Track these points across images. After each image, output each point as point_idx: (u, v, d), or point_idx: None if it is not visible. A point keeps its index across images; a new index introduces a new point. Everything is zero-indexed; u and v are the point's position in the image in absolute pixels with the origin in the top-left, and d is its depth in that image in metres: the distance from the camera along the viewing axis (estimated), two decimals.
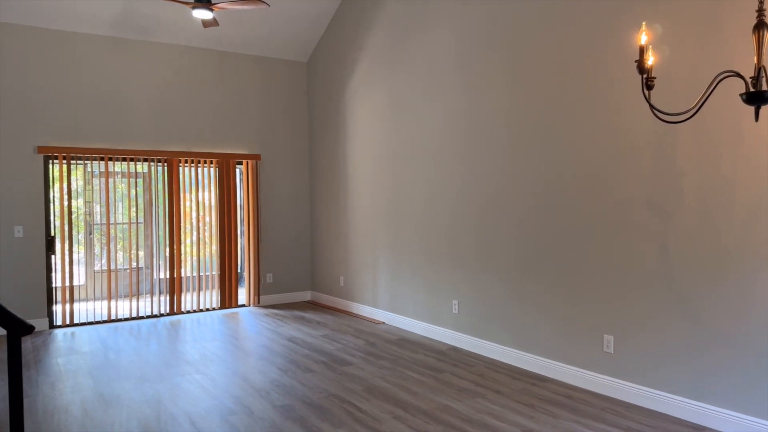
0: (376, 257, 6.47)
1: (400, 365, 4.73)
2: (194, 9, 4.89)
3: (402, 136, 6.01)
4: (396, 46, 6.04)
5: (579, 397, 3.97)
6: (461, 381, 4.32)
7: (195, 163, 7.08)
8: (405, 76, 5.92)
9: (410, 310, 5.93)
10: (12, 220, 6.08)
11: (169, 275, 6.97)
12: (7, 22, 6.03)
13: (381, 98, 6.32)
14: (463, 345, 5.23)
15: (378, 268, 6.44)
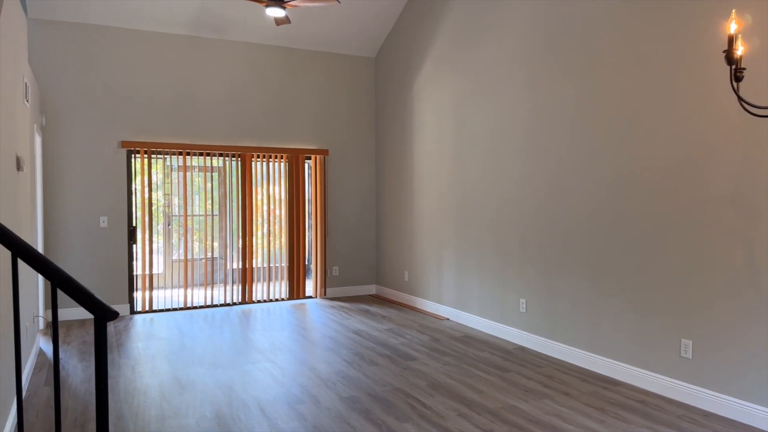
0: (441, 253, 6.45)
1: (465, 362, 4.70)
2: (267, 7, 5.01)
3: (468, 132, 5.94)
4: (462, 42, 5.98)
5: (653, 402, 3.81)
6: (528, 381, 4.24)
7: (266, 158, 7.29)
8: (471, 71, 5.85)
9: (476, 307, 5.88)
10: (98, 211, 6.48)
11: (241, 266, 7.22)
12: (95, 23, 6.41)
13: (448, 93, 6.27)
14: (531, 345, 5.13)
15: (443, 264, 6.41)
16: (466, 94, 5.97)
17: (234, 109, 7.12)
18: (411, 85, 7.00)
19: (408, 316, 6.52)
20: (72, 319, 6.37)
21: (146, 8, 6.30)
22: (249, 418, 3.57)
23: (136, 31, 6.61)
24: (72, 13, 6.19)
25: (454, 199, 6.22)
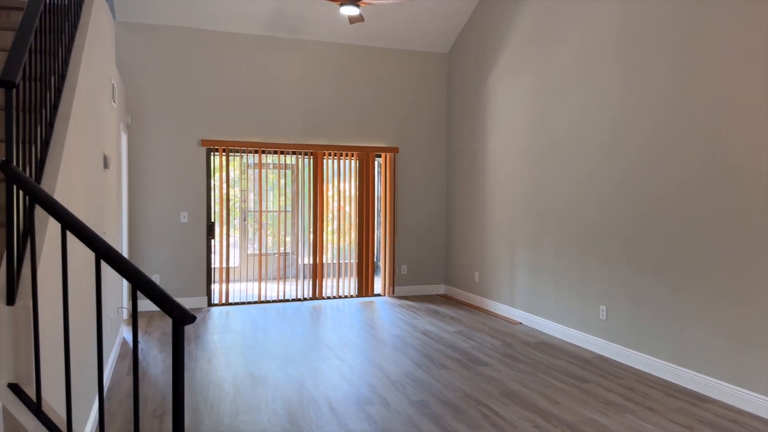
0: (514, 254, 6.25)
1: (539, 370, 4.52)
2: (342, 6, 5.01)
3: (546, 128, 5.72)
4: (541, 35, 5.75)
5: (747, 422, 3.51)
6: (608, 394, 4.02)
7: (337, 156, 7.33)
8: (551, 66, 5.61)
9: (551, 312, 5.66)
10: (179, 207, 6.73)
11: (312, 261, 7.31)
12: (178, 25, 6.65)
13: (524, 89, 6.06)
14: (611, 354, 4.88)
15: (516, 266, 6.22)
16: (544, 89, 5.74)
17: (307, 107, 7.20)
18: (485, 80, 6.82)
19: (478, 318, 6.38)
20: (153, 310, 6.66)
21: (226, 10, 6.47)
22: (319, 417, 3.57)
23: (216, 32, 6.80)
24: (157, 16, 6.45)
25: (528, 198, 6.02)
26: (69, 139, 2.77)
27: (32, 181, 1.92)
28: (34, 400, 1.92)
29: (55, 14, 2.88)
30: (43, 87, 2.59)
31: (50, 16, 2.76)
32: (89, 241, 1.82)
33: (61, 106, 2.84)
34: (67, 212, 1.86)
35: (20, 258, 2.04)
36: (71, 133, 2.84)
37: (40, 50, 2.59)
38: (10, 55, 2.01)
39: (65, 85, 2.97)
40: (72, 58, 3.15)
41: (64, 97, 2.90)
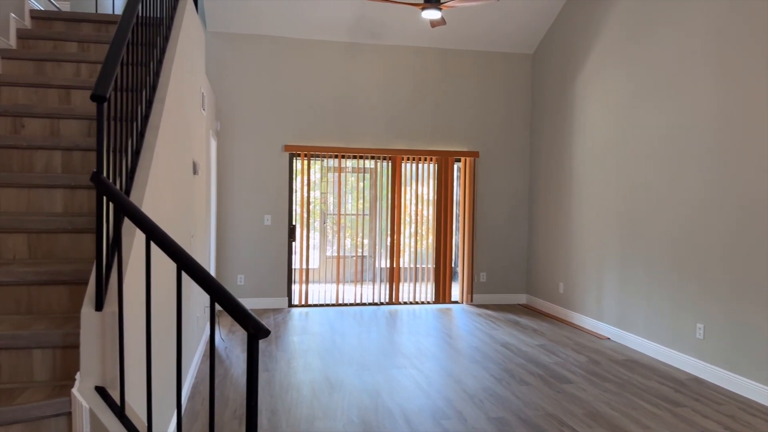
0: (602, 264, 5.93)
1: (628, 391, 4.24)
2: (423, 10, 4.94)
3: (639, 133, 5.37)
4: (634, 34, 5.41)
5: None
6: (705, 420, 3.70)
7: (416, 160, 7.28)
8: (644, 67, 5.26)
9: (641, 328, 5.31)
10: (263, 210, 6.92)
11: (389, 265, 7.30)
12: (264, 34, 6.84)
13: (615, 91, 5.73)
14: (708, 377, 4.49)
15: (604, 277, 5.89)
16: (638, 91, 5.40)
17: (387, 112, 7.20)
18: (572, 82, 6.52)
19: (562, 331, 6.10)
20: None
21: (310, 18, 6.58)
22: (394, 428, 3.52)
23: (300, 40, 6.94)
24: (245, 25, 6.67)
25: (619, 205, 5.68)
26: (158, 148, 2.88)
27: (120, 192, 1.99)
28: (118, 404, 1.99)
29: (148, 27, 3.01)
30: (134, 98, 2.70)
31: (143, 29, 2.89)
32: (172, 253, 1.86)
33: (152, 117, 2.96)
34: (153, 224, 1.91)
35: (108, 266, 2.12)
36: (161, 142, 2.95)
37: (133, 62, 2.71)
38: (102, 70, 2.10)
39: (156, 96, 3.09)
40: (163, 69, 3.28)
41: (154, 107, 3.02)
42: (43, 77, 3.41)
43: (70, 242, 2.63)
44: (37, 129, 3.18)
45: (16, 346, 2.09)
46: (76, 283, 2.40)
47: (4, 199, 2.77)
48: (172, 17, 3.74)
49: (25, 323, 2.21)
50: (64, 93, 3.42)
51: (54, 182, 2.80)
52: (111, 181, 2.29)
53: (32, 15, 4.02)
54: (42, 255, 2.59)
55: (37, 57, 3.58)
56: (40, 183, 2.78)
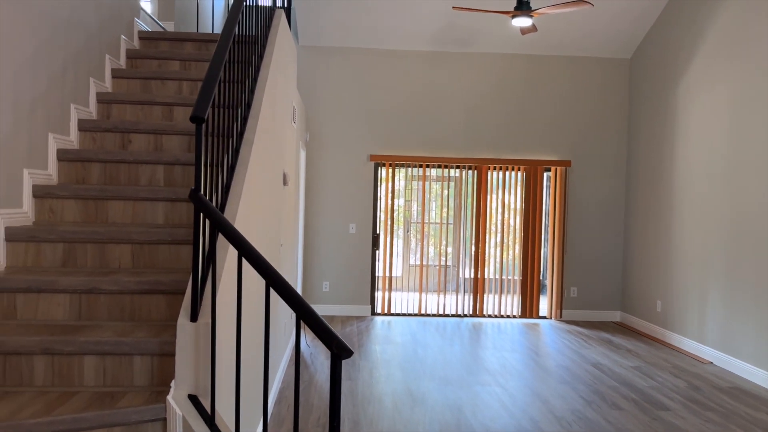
0: (705, 282, 5.51)
1: (733, 422, 3.90)
2: (514, 18, 4.83)
3: (749, 142, 4.95)
4: (742, 38, 4.99)
5: None
6: None
7: (502, 169, 7.12)
8: (755, 69, 4.84)
9: (749, 352, 4.87)
10: (348, 218, 7.04)
11: (473, 275, 7.18)
12: (353, 46, 6.96)
13: (722, 98, 5.32)
14: None
15: (707, 296, 5.47)
16: (748, 97, 4.98)
17: (473, 120, 7.10)
18: (674, 88, 6.13)
19: (659, 353, 5.73)
20: (330, 315, 7.03)
21: (398, 29, 6.63)
22: None
23: (387, 51, 7.00)
24: (334, 38, 6.82)
25: (725, 219, 5.26)
26: (252, 163, 2.99)
27: (216, 209, 2.08)
28: (209, 412, 2.06)
29: (244, 45, 3.14)
30: (230, 115, 2.82)
31: (239, 47, 3.01)
32: (261, 269, 1.91)
33: (246, 133, 3.08)
34: (245, 241, 1.97)
35: (204, 279, 2.21)
36: (254, 157, 3.07)
37: (230, 80, 2.83)
38: (201, 93, 2.20)
39: (250, 113, 3.22)
40: (257, 87, 3.41)
41: (249, 124, 3.14)
42: (149, 95, 3.64)
43: (169, 253, 2.77)
44: (142, 144, 3.40)
45: (119, 352, 2.23)
46: (174, 293, 2.53)
47: (112, 210, 2.97)
48: (266, 36, 3.88)
49: (127, 330, 2.36)
50: (167, 109, 3.63)
51: (156, 195, 2.98)
52: (208, 197, 2.40)
53: (140, 36, 4.32)
54: (144, 264, 2.76)
55: (144, 75, 3.84)
56: (144, 196, 2.97)
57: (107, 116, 3.61)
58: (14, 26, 2.79)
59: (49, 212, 2.95)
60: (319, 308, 7.04)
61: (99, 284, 2.49)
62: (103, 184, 3.16)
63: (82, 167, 3.17)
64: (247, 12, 3.32)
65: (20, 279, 2.46)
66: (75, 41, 3.38)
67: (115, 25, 3.95)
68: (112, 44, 3.90)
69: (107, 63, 3.79)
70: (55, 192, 2.93)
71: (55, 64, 3.15)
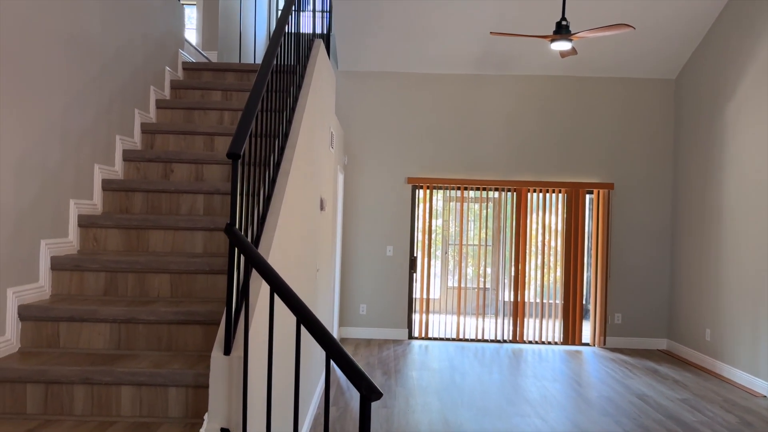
0: (758, 311, 5.25)
1: None
2: (553, 42, 4.78)
3: None
4: None
5: None
6: None
7: (543, 192, 7.00)
8: None
9: None
10: (385, 241, 7.03)
11: (513, 299, 7.05)
12: (391, 71, 7.01)
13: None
14: None
15: (760, 326, 5.21)
16: None
17: (512, 142, 7.02)
18: (722, 110, 5.93)
19: (708, 384, 5.47)
20: (359, 338, 7.02)
21: (437, 53, 6.65)
22: None
23: (425, 75, 7.03)
24: (373, 63, 6.89)
25: None
26: (288, 192, 3.02)
27: (250, 245, 2.10)
28: None
29: (283, 74, 3.20)
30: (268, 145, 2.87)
31: (278, 76, 3.07)
32: (293, 306, 1.91)
33: (283, 163, 3.12)
34: (277, 276, 1.99)
35: (237, 311, 2.24)
36: (290, 186, 3.10)
37: (268, 109, 2.88)
38: (238, 129, 2.25)
39: (287, 143, 3.26)
40: (295, 117, 3.46)
41: (285, 154, 3.19)
42: (191, 125, 3.75)
43: (206, 282, 2.82)
44: (184, 173, 3.49)
45: (154, 383, 2.27)
46: (209, 323, 2.57)
47: (153, 239, 3.05)
48: (305, 65, 3.95)
49: (164, 360, 2.40)
50: (208, 139, 3.73)
51: (196, 224, 3.04)
52: (243, 230, 2.43)
53: (184, 66, 4.46)
54: (182, 294, 2.81)
55: (186, 106, 3.95)
56: (184, 226, 3.04)
57: (151, 146, 3.73)
58: (66, 64, 2.92)
59: (93, 241, 3.05)
60: (356, 331, 7.03)
61: (138, 314, 2.54)
62: (145, 213, 3.26)
63: (125, 196, 3.27)
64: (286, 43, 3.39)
65: (64, 308, 2.55)
66: (121, 75, 3.51)
67: (160, 58, 4.09)
68: (157, 76, 4.04)
69: (152, 94, 3.92)
70: (99, 222, 3.03)
71: (102, 98, 3.28)
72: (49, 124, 2.78)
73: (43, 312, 2.55)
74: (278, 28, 3.12)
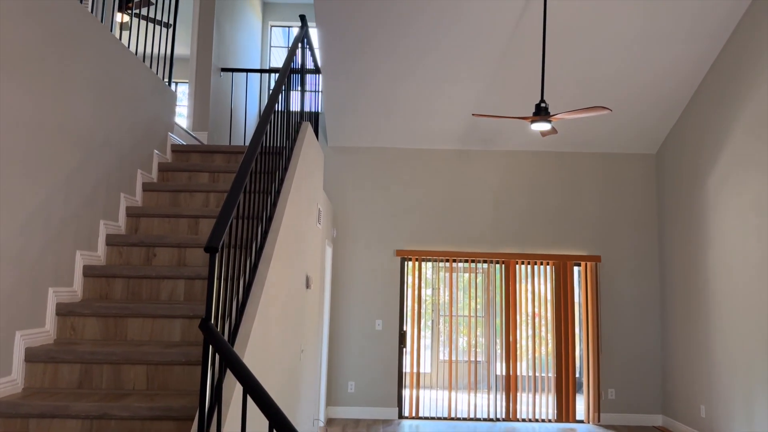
0: (752, 389, 5.16)
1: None
2: (533, 123, 4.92)
3: None
4: (766, 135, 4.96)
5: None
6: None
7: (531, 264, 7.02)
8: None
9: None
10: (374, 315, 6.96)
11: (504, 372, 6.91)
12: (380, 146, 7.17)
13: (755, 193, 5.21)
14: None
15: (755, 404, 5.10)
16: None
17: (499, 216, 7.10)
18: (703, 184, 6.06)
19: None
20: (347, 417, 6.81)
21: (424, 129, 6.83)
22: None
23: (413, 150, 7.19)
24: (362, 139, 7.06)
25: (766, 327, 4.99)
26: (270, 277, 3.01)
27: (226, 343, 2.07)
28: None
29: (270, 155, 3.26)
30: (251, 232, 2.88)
31: (265, 157, 3.13)
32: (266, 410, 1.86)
33: (266, 248, 3.13)
34: (251, 378, 1.94)
35: (211, 410, 2.17)
36: (273, 270, 3.09)
37: (253, 191, 2.92)
38: (217, 222, 2.26)
39: (271, 226, 3.28)
40: (279, 199, 3.50)
41: (269, 238, 3.20)
42: (176, 208, 3.77)
43: (183, 374, 2.76)
44: (166, 258, 3.48)
45: None
46: (184, 419, 2.49)
47: (131, 327, 3.01)
48: (292, 148, 4.03)
49: None
50: (193, 222, 3.75)
51: (175, 312, 3.01)
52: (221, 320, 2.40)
53: (173, 149, 4.55)
54: (158, 385, 2.74)
55: (173, 188, 4.00)
56: (162, 313, 3.00)
57: (135, 229, 3.74)
58: (52, 153, 2.97)
59: (71, 330, 3.00)
60: (344, 411, 6.83)
61: (111, 410, 2.47)
62: (125, 300, 3.22)
63: (106, 282, 3.25)
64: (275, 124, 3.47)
65: (35, 404, 2.47)
66: (109, 160, 3.57)
67: (149, 142, 4.17)
68: (145, 159, 4.10)
69: (139, 177, 3.97)
70: (78, 310, 2.99)
71: (87, 184, 3.31)
72: (31, 212, 2.80)
73: (13, 408, 2.47)
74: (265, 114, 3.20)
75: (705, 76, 6.04)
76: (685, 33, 5.54)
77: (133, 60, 3.92)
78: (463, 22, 5.45)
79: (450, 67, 5.96)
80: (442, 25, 5.47)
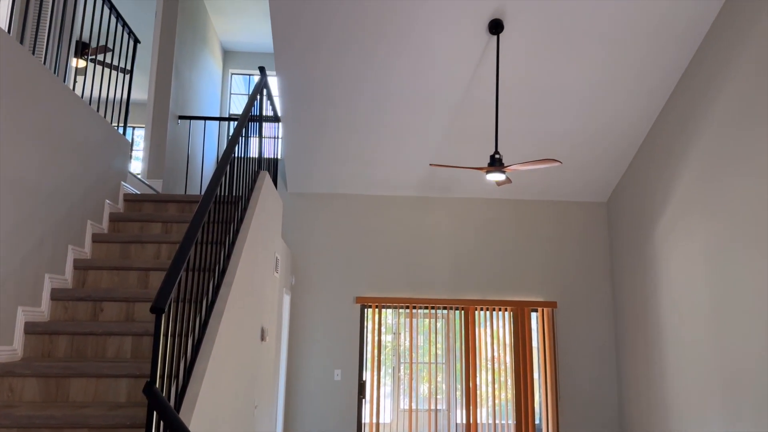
0: (708, 429, 5.24)
1: None
2: (488, 173, 5.05)
3: (732, 292, 4.96)
4: (711, 183, 5.21)
5: None
6: None
7: (490, 310, 7.07)
8: (733, 213, 4.99)
9: None
10: (333, 364, 6.84)
11: (465, 420, 6.84)
12: (340, 192, 7.21)
13: (700, 241, 5.42)
14: None
15: None
16: (727, 240, 5.08)
17: (458, 262, 7.16)
18: (651, 232, 6.27)
19: None
20: None
21: (383, 177, 6.91)
22: None
23: (372, 196, 7.24)
24: (321, 186, 7.08)
25: (717, 370, 5.12)
26: (221, 333, 2.94)
27: (171, 409, 2.00)
28: None
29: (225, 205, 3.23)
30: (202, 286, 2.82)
31: (220, 206, 3.09)
32: None
33: (217, 303, 3.06)
34: None
35: None
36: (225, 325, 3.02)
37: (206, 241, 2.87)
38: (164, 282, 2.21)
39: (224, 280, 3.23)
40: (234, 251, 3.46)
41: (221, 292, 3.14)
42: (126, 260, 3.68)
43: None
44: (114, 313, 3.37)
45: None
46: None
47: (74, 388, 2.88)
48: (248, 198, 4.01)
49: None
50: (143, 274, 3.65)
51: (120, 371, 2.90)
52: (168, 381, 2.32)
53: (125, 198, 4.46)
54: None
55: (123, 240, 3.90)
56: (107, 373, 2.88)
57: (83, 283, 3.62)
58: None
59: (9, 392, 2.85)
60: None
61: None
62: (68, 359, 3.09)
63: (49, 340, 3.12)
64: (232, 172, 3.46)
65: None
66: (57, 212, 3.48)
67: (100, 191, 4.09)
68: (96, 209, 4.01)
69: (88, 228, 3.87)
70: (17, 370, 2.85)
71: (33, 236, 3.21)
72: None
73: None
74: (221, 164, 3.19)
75: (651, 127, 6.34)
76: (631, 87, 5.83)
77: (86, 110, 3.88)
78: (420, 76, 5.61)
79: (408, 118, 6.09)
80: (400, 77, 5.62)
